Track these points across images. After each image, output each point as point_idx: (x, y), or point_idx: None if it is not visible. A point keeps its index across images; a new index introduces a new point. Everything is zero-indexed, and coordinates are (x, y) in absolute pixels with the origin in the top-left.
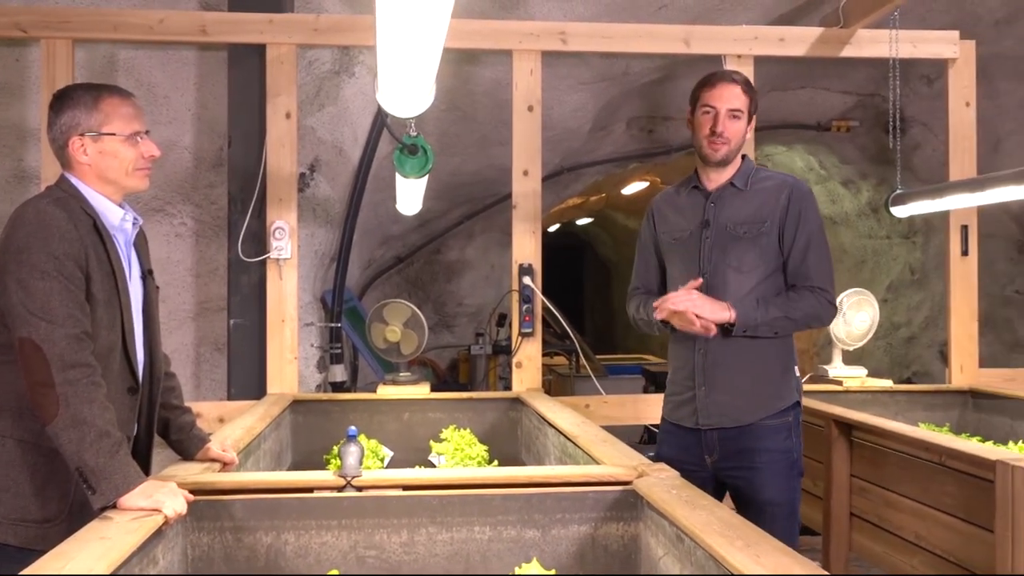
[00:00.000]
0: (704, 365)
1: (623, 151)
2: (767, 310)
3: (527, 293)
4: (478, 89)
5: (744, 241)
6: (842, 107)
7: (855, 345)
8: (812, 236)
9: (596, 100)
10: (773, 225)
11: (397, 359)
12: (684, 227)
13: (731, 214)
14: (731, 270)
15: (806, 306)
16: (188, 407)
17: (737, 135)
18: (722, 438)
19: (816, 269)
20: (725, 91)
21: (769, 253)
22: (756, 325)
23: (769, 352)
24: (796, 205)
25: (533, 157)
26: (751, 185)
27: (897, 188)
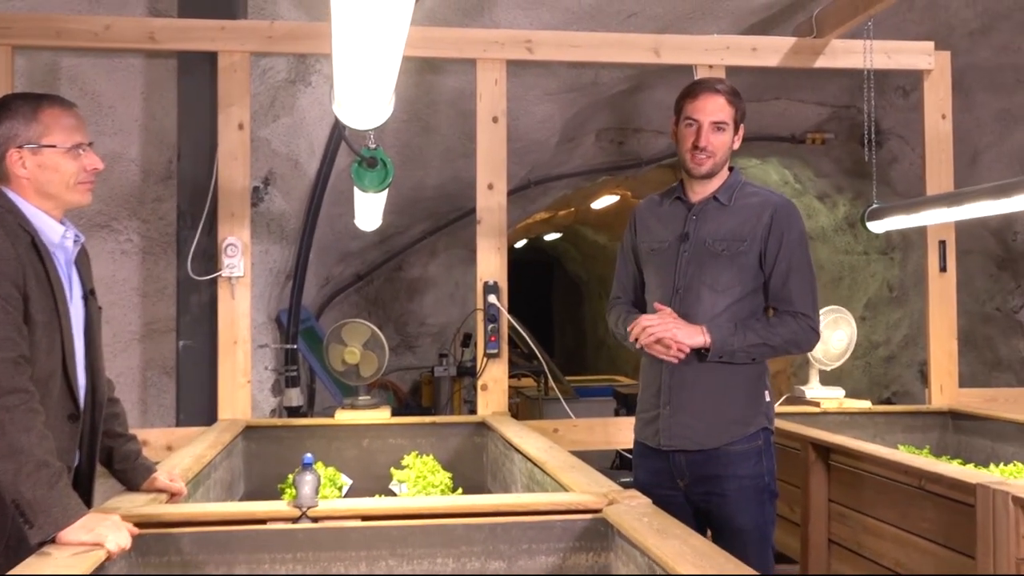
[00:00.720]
0: (670, 384)
1: (592, 164)
2: (745, 335)
3: (492, 312)
4: (441, 99)
5: (722, 258)
6: (817, 119)
7: (832, 365)
8: (795, 259)
9: (564, 111)
10: (753, 244)
11: (356, 382)
12: (663, 238)
13: (711, 229)
14: (705, 288)
15: (786, 332)
16: (133, 435)
17: (722, 148)
18: (690, 462)
19: (798, 294)
20: (708, 102)
21: (747, 273)
22: (733, 351)
23: (738, 377)
24: (779, 226)
25: (498, 170)
26: (735, 200)
27: (873, 202)
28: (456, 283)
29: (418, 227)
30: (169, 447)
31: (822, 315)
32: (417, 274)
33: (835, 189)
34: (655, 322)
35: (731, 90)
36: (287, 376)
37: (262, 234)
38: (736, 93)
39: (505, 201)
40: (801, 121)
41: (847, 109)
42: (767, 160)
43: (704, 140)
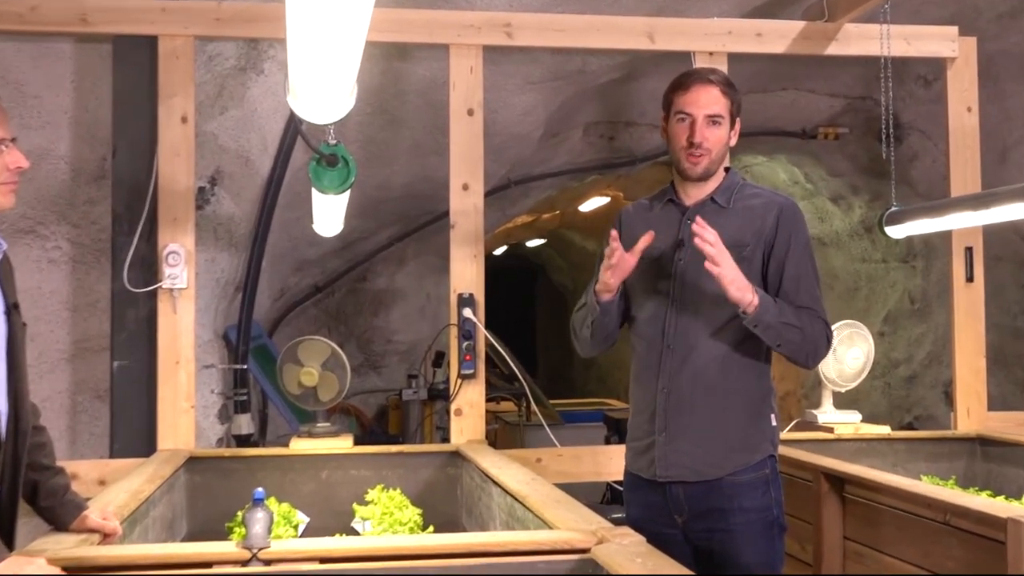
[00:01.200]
0: (666, 407)
1: (580, 161)
2: (783, 313)
3: (468, 328)
4: (410, 89)
5: None
6: (829, 112)
7: (847, 386)
8: (804, 264)
9: (548, 102)
10: (756, 250)
11: (314, 407)
12: (655, 245)
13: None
14: (706, 300)
15: (809, 324)
16: (61, 467)
17: (718, 144)
18: (689, 495)
19: (811, 299)
20: (701, 94)
21: (751, 281)
22: (769, 323)
23: (741, 395)
24: (786, 228)
25: (474, 168)
26: (735, 202)
27: (892, 204)
28: (427, 295)
29: (384, 232)
30: (102, 481)
31: (835, 330)
32: (383, 285)
33: (850, 189)
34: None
35: (725, 80)
36: (236, 400)
37: (208, 241)
38: (731, 84)
39: (482, 203)
40: (812, 114)
41: (863, 101)
42: (774, 157)
43: (699, 135)
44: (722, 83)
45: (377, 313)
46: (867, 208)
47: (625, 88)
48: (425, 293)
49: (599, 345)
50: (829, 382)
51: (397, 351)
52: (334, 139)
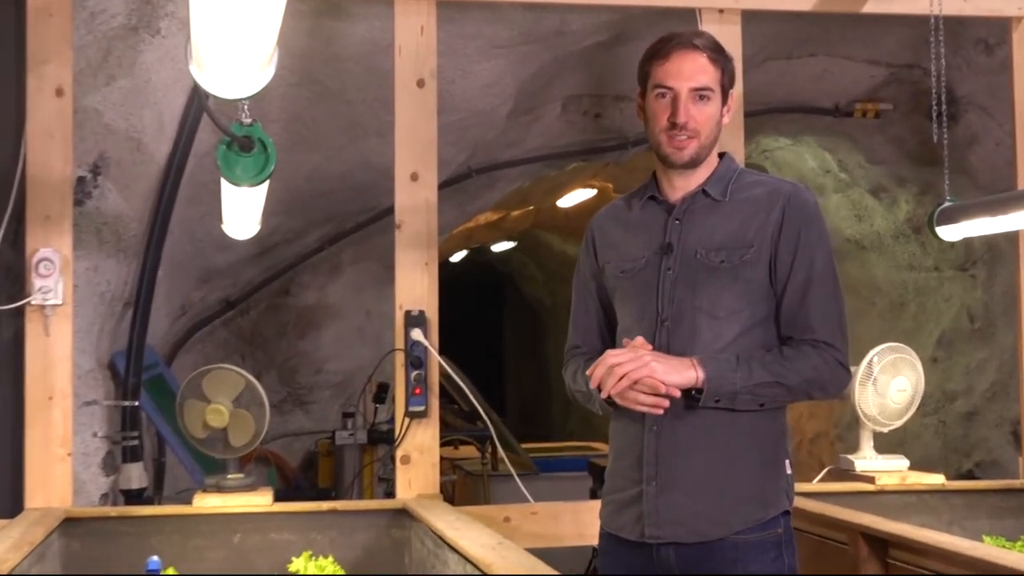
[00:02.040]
0: (657, 449)
1: (558, 145)
2: (750, 371)
3: (417, 353)
4: (345, 54)
5: (721, 274)
6: (869, 83)
7: (892, 425)
8: (816, 268)
9: (518, 71)
10: (762, 251)
11: (224, 454)
12: (637, 254)
13: (703, 235)
14: (703, 315)
15: (806, 368)
16: None
17: (708, 124)
18: (682, 559)
19: (821, 316)
20: (684, 63)
21: (756, 291)
22: (734, 392)
23: (750, 433)
24: (794, 223)
25: (426, 154)
26: (732, 194)
27: (946, 199)
28: (367, 312)
29: (313, 234)
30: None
31: (877, 356)
32: (312, 300)
33: (894, 180)
34: (625, 358)
35: (714, 45)
36: (125, 446)
37: (90, 244)
38: (720, 49)
39: (435, 197)
40: (847, 86)
41: (909, 70)
42: (800, 140)
43: (683, 114)
44: (709, 48)
45: (304, 335)
46: (915, 203)
47: (614, 54)
48: (364, 310)
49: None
50: (869, 420)
51: (329, 383)
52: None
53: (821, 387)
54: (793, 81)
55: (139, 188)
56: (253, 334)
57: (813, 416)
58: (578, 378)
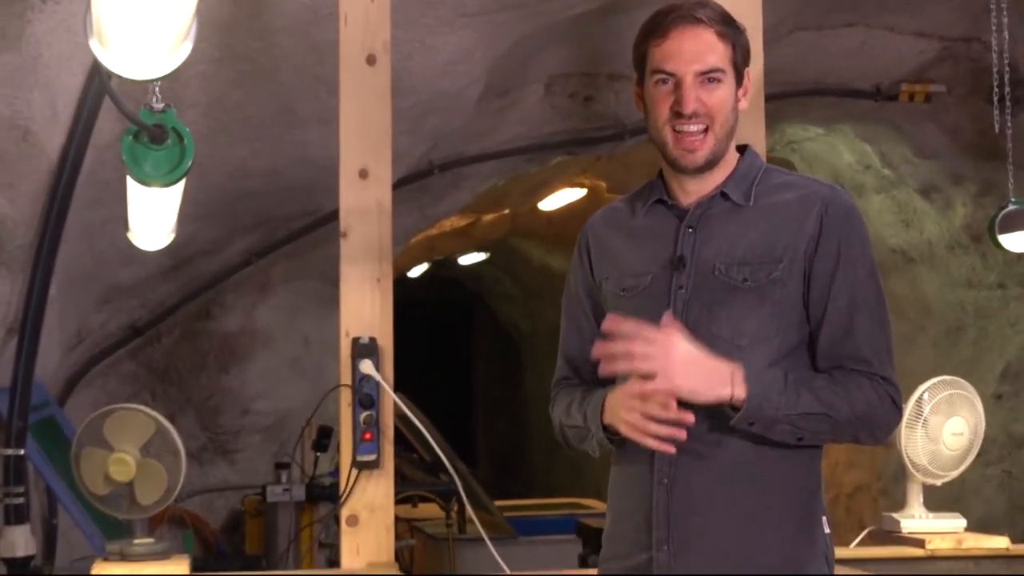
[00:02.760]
0: (668, 507)
1: (540, 135)
2: (798, 395)
3: (367, 391)
4: (278, 25)
5: (744, 294)
6: (917, 60)
7: (946, 476)
8: (860, 290)
9: (491, 45)
10: (794, 268)
11: (130, 514)
12: (642, 268)
13: (722, 248)
14: (722, 343)
15: (861, 401)
16: None
17: (722, 112)
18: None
19: (871, 343)
20: (687, 41)
21: (787, 315)
22: (774, 418)
23: (782, 488)
24: (832, 235)
25: (377, 146)
26: (757, 198)
27: (1010, 201)
28: (305, 340)
29: (239, 244)
30: None
31: (928, 392)
32: (237, 325)
33: (949, 178)
34: (659, 348)
35: (721, 15)
36: (8, 504)
37: None
38: (730, 21)
39: (389, 198)
40: (891, 64)
41: (966, 44)
42: (834, 129)
43: (690, 101)
44: (717, 21)
45: (227, 368)
46: (974, 206)
47: (609, 23)
48: (302, 337)
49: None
50: (918, 471)
51: (258, 427)
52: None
53: (872, 427)
54: (825, 57)
55: (26, 187)
56: (166, 367)
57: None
58: (572, 412)
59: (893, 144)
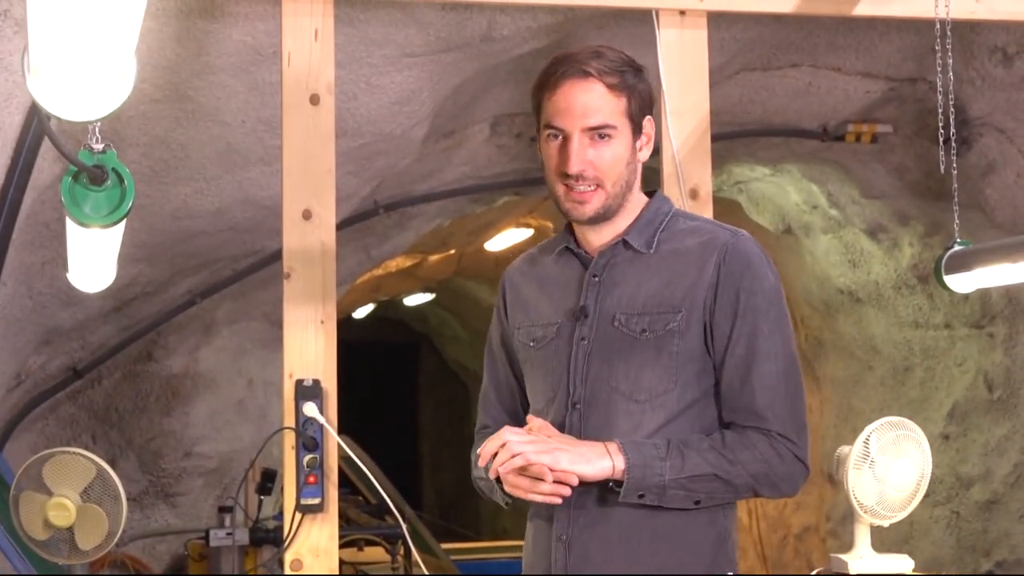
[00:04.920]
0: (567, 565)
1: (487, 175)
2: (683, 460)
3: (311, 433)
4: (220, 64)
5: (642, 346)
6: (864, 101)
7: (894, 517)
8: (760, 339)
9: (437, 85)
10: (692, 317)
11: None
12: (550, 318)
13: (623, 297)
14: (619, 397)
15: (752, 460)
16: None
17: (613, 168)
18: None
19: (768, 397)
20: (575, 95)
21: (686, 368)
22: (662, 485)
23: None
24: (731, 282)
25: (321, 186)
26: (660, 244)
27: (956, 241)
28: (249, 382)
29: (181, 284)
30: None
31: (875, 433)
32: (179, 367)
33: (895, 218)
34: (524, 438)
35: (612, 66)
36: None
37: None
38: (624, 69)
39: (333, 239)
40: (837, 104)
41: (911, 84)
42: (781, 169)
43: (575, 162)
44: (609, 72)
45: (170, 411)
46: (921, 246)
47: None
48: (245, 379)
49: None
50: (866, 512)
51: (201, 470)
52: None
53: (772, 484)
54: (771, 97)
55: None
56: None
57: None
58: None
59: (840, 184)
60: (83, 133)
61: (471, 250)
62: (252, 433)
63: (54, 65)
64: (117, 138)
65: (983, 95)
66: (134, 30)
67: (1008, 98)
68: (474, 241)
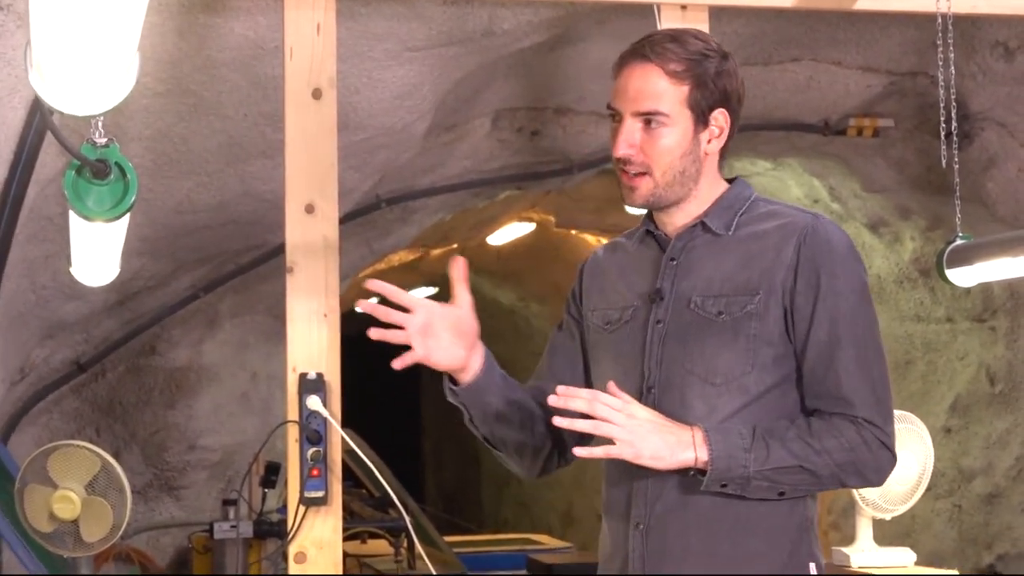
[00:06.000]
0: (644, 553)
1: (488, 169)
2: (768, 450)
3: (315, 426)
4: (223, 58)
5: (718, 328)
6: (865, 95)
7: (895, 511)
8: (845, 322)
9: (439, 79)
10: (771, 300)
11: (75, 551)
12: (625, 301)
13: (700, 280)
14: (695, 380)
15: (839, 449)
16: None
17: (663, 158)
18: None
19: (855, 383)
20: (632, 78)
21: (764, 352)
22: (746, 477)
23: (761, 530)
24: (812, 265)
25: (323, 180)
26: (738, 228)
27: (958, 235)
28: (252, 375)
29: (184, 279)
30: None
31: None
32: (183, 360)
33: (897, 212)
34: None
35: (679, 53)
36: None
37: None
38: (699, 56)
39: (336, 233)
40: (838, 98)
41: (913, 79)
42: (782, 163)
43: (621, 145)
44: (674, 59)
45: (174, 404)
46: (922, 240)
47: (555, 58)
48: (249, 372)
49: (526, 461)
50: (868, 505)
51: (205, 463)
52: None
53: (859, 474)
54: (773, 92)
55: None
56: (111, 402)
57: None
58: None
59: (841, 178)
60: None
61: (473, 244)
62: (256, 426)
63: (56, 60)
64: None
65: (984, 89)
66: (136, 25)
67: (1009, 92)
68: (476, 235)
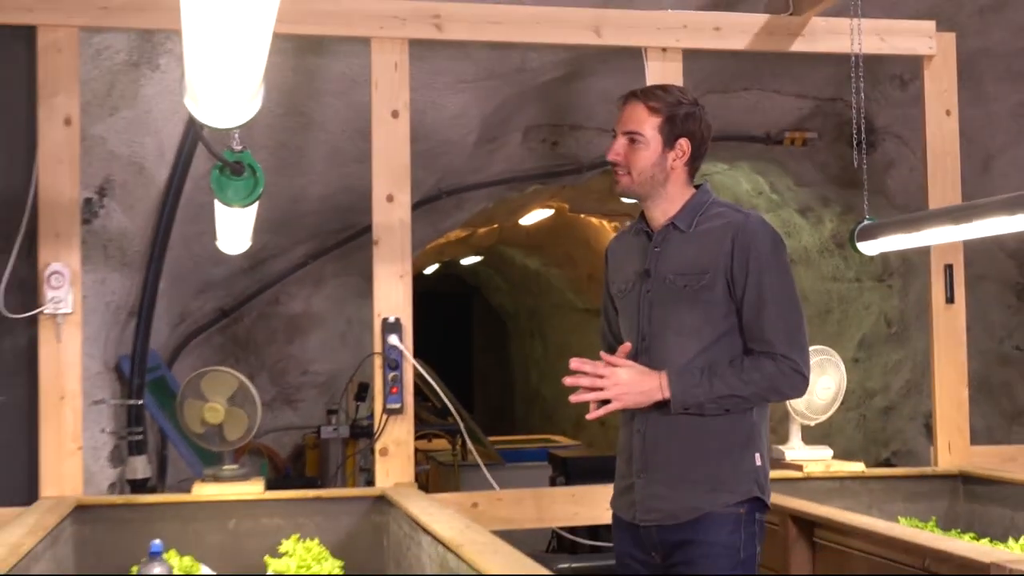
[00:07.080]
0: (643, 448)
1: (519, 169)
2: (711, 385)
3: (394, 357)
4: (326, 88)
5: (685, 296)
6: (796, 115)
7: (817, 419)
8: (766, 286)
9: (483, 103)
10: (717, 277)
11: (220, 447)
12: (629, 277)
13: (671, 263)
14: (671, 332)
15: (760, 379)
16: None
17: (638, 164)
18: (662, 535)
19: (774, 329)
20: (626, 110)
21: (715, 311)
22: (700, 403)
23: (716, 431)
24: (743, 250)
25: (400, 177)
26: (696, 226)
27: (865, 218)
28: (348, 320)
29: (299, 249)
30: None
31: None
32: (298, 309)
33: (820, 201)
34: (608, 380)
35: (658, 96)
36: (130, 441)
37: (97, 259)
38: (668, 99)
39: (409, 216)
40: (777, 117)
41: (832, 103)
42: (736, 165)
43: (611, 152)
44: (652, 100)
45: (292, 341)
46: (839, 221)
47: (570, 88)
48: (346, 318)
49: None
50: (797, 415)
51: (315, 383)
52: (239, 145)
53: (779, 393)
54: (728, 113)
55: (142, 208)
56: (246, 339)
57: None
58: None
59: (779, 176)
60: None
61: (509, 224)
62: (351, 357)
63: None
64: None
65: (885, 110)
66: (262, 63)
67: (904, 113)
68: (511, 217)
